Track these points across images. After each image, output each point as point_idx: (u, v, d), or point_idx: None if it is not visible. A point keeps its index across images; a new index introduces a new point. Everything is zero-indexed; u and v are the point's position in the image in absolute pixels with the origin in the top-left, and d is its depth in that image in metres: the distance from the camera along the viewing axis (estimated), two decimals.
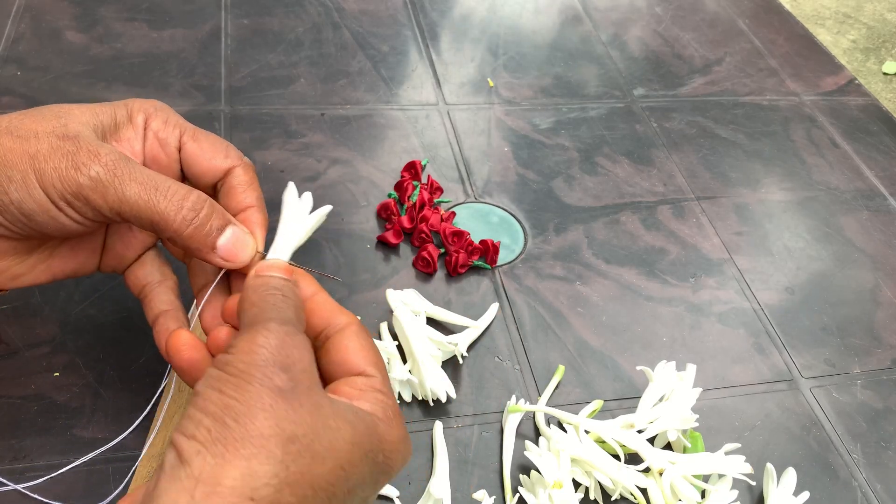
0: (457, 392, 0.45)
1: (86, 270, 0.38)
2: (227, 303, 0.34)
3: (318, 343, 0.33)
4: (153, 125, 0.36)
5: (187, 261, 0.38)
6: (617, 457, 0.41)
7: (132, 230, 0.38)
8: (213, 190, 0.37)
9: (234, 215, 0.36)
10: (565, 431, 0.42)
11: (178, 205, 0.32)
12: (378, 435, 0.29)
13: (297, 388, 0.27)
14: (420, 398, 0.44)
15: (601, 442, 0.42)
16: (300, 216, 0.36)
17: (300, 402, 0.27)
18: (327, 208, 0.37)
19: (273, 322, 0.29)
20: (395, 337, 0.46)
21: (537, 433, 0.44)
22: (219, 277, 0.36)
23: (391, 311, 0.46)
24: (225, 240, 0.34)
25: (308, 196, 0.36)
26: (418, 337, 0.43)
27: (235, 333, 0.31)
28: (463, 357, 0.45)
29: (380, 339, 0.46)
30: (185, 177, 0.38)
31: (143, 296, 0.37)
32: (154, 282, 0.37)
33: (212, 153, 0.36)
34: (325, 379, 0.32)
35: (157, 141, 0.36)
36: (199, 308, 0.36)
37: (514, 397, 0.44)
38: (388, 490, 0.40)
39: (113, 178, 0.31)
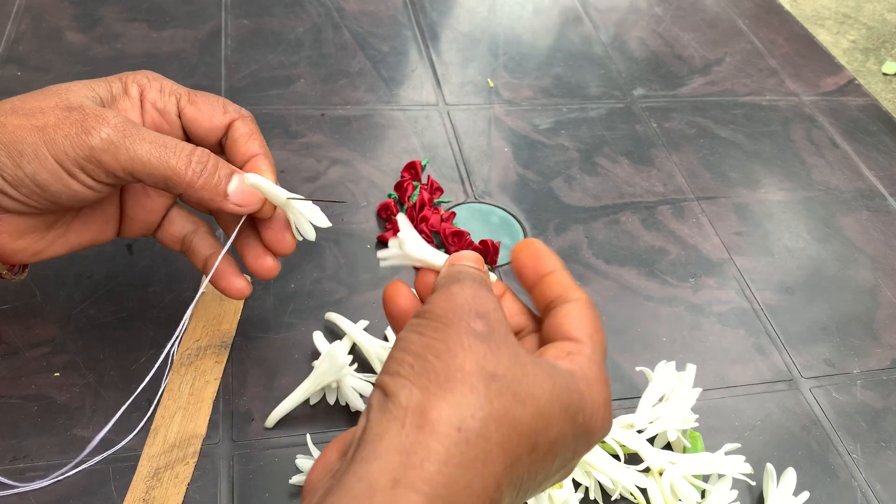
0: None
1: (103, 239, 0.40)
2: (418, 279, 0.34)
3: (545, 311, 0.32)
4: (150, 96, 0.37)
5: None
6: (617, 457, 0.41)
7: (149, 196, 0.40)
8: (220, 147, 0.39)
9: (242, 165, 0.37)
10: None
11: (186, 159, 0.34)
12: (578, 392, 0.28)
13: (494, 333, 0.27)
14: None
15: (601, 442, 0.42)
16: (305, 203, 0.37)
17: (497, 346, 0.27)
18: (325, 223, 0.38)
19: (467, 279, 0.30)
20: None
21: None
22: (239, 225, 0.38)
23: None
24: (234, 186, 0.35)
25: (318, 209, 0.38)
26: None
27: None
28: None
29: (386, 340, 0.46)
30: (189, 139, 0.39)
31: (186, 247, 0.40)
32: (191, 232, 0.40)
33: (210, 112, 0.38)
34: (539, 344, 0.32)
35: (156, 111, 0.37)
36: (215, 263, 0.39)
37: None
38: None
39: (123, 139, 0.33)
